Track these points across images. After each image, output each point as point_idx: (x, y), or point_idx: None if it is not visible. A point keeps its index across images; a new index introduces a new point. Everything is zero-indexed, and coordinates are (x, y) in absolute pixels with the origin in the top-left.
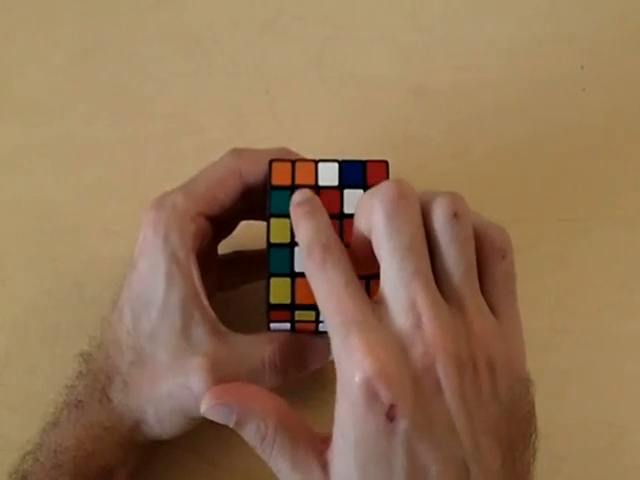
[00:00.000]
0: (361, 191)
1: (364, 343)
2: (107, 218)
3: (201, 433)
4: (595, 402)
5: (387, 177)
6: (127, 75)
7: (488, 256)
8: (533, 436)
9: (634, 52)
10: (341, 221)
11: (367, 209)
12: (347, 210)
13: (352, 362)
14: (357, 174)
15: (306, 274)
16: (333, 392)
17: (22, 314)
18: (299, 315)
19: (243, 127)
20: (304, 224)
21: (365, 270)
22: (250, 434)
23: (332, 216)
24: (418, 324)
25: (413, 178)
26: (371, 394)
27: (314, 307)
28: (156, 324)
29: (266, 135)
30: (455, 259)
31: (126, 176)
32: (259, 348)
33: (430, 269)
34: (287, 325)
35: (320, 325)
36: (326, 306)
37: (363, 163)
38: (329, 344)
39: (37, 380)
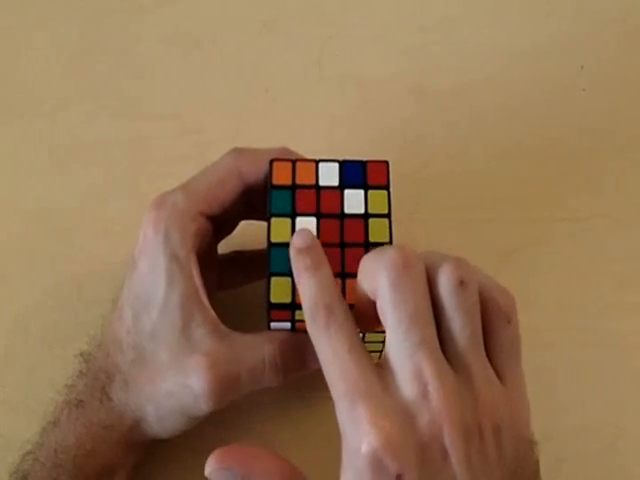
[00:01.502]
0: (361, 191)
1: (370, 413)
2: (107, 218)
3: (201, 432)
4: (595, 402)
5: (387, 177)
6: (127, 75)
7: (493, 320)
8: None
9: (634, 52)
10: (341, 221)
11: (371, 274)
12: (347, 210)
13: (358, 432)
14: (357, 174)
15: (310, 336)
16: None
17: (22, 314)
18: (300, 314)
19: (243, 127)
20: (307, 281)
21: (369, 327)
22: None
23: (332, 216)
24: (424, 394)
25: (413, 178)
26: (378, 465)
27: None
28: (156, 323)
29: (266, 135)
30: (461, 326)
31: (126, 176)
32: (259, 347)
33: (436, 336)
34: (287, 324)
35: None
36: (330, 371)
37: (363, 163)
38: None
39: (37, 380)
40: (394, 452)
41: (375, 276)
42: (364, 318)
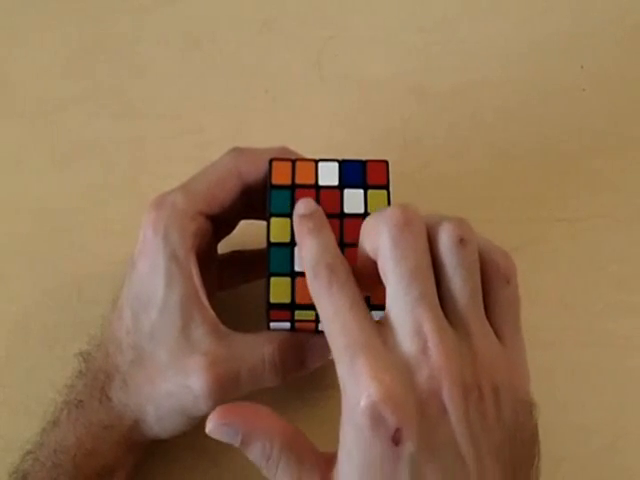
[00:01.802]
0: (361, 191)
1: (370, 367)
2: (107, 218)
3: (201, 431)
4: (595, 402)
5: (387, 177)
6: (127, 75)
7: (492, 281)
8: (536, 458)
9: (634, 52)
10: (341, 220)
11: (373, 232)
12: (347, 210)
13: (358, 386)
14: (357, 174)
15: (311, 294)
16: (332, 392)
17: (22, 314)
18: (299, 314)
19: (243, 127)
20: (309, 242)
21: (370, 289)
22: (255, 454)
23: (332, 215)
24: (424, 349)
25: (413, 178)
26: (377, 418)
27: (314, 306)
28: (156, 323)
29: (266, 135)
30: (461, 284)
31: (126, 176)
32: (259, 347)
33: (436, 293)
34: (287, 324)
35: (320, 325)
36: (331, 328)
37: (363, 163)
38: (329, 344)
39: (37, 380)
40: (394, 406)
41: (376, 234)
42: (365, 279)
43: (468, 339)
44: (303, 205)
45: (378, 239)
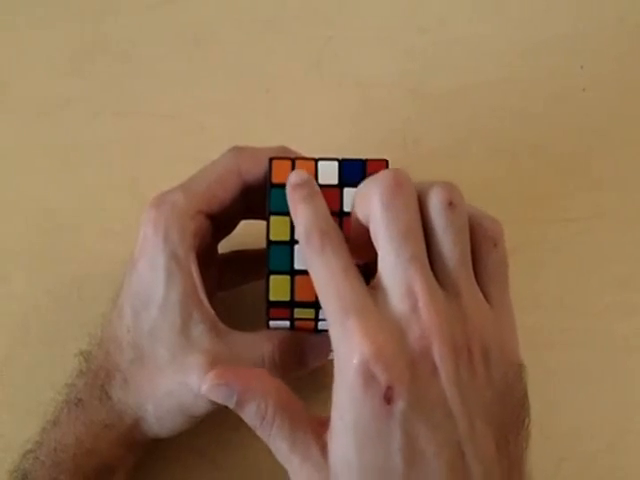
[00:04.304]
0: None
1: (362, 327)
2: (107, 218)
3: (200, 431)
4: (595, 402)
5: None
6: (127, 75)
7: (481, 245)
8: (526, 420)
9: (634, 52)
10: (341, 219)
11: (364, 197)
12: (347, 209)
13: (350, 345)
14: (357, 173)
15: (304, 259)
16: (332, 392)
17: (22, 314)
18: (298, 313)
19: (243, 127)
20: (302, 209)
21: (363, 258)
22: (250, 414)
23: (331, 214)
24: (414, 308)
25: (413, 178)
26: (368, 376)
27: (313, 305)
28: (156, 322)
29: (266, 135)
30: (450, 246)
31: (126, 176)
32: (258, 346)
33: (426, 255)
34: (286, 323)
35: (320, 323)
36: (324, 291)
37: (363, 162)
38: (329, 342)
39: (37, 380)
40: (385, 364)
41: (368, 198)
42: (357, 247)
43: (458, 300)
44: (295, 175)
45: (369, 203)
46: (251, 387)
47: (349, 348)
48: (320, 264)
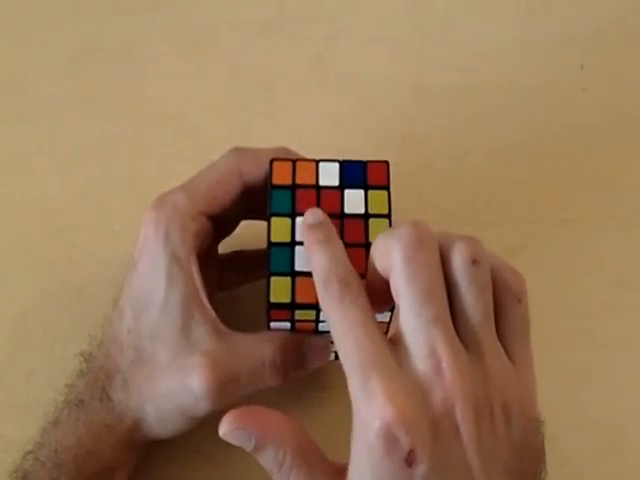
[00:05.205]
0: (362, 191)
1: (384, 387)
2: (107, 218)
3: (201, 432)
4: (597, 402)
5: (388, 178)
6: (127, 75)
7: (504, 300)
8: (543, 473)
9: (634, 52)
10: (341, 221)
11: (385, 250)
12: (347, 210)
13: (372, 406)
14: (358, 174)
15: (322, 307)
16: (332, 392)
17: (22, 314)
18: (299, 314)
19: (243, 127)
20: (319, 254)
21: (380, 308)
22: (267, 460)
23: (332, 216)
24: (438, 370)
25: (413, 178)
26: (391, 439)
27: (314, 306)
28: (156, 323)
29: (266, 135)
30: (473, 304)
31: (126, 176)
32: (259, 347)
33: (449, 314)
34: (287, 324)
35: (320, 325)
36: (344, 343)
37: (364, 163)
38: (329, 344)
39: (37, 380)
40: (408, 427)
41: (389, 252)
42: (376, 296)
43: (480, 358)
44: (312, 215)
45: (390, 258)
46: (269, 432)
47: (371, 408)
48: (339, 315)
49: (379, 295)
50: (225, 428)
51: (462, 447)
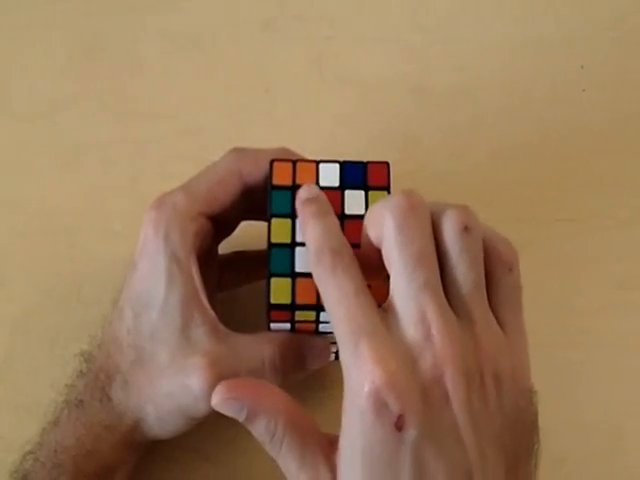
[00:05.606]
0: (362, 192)
1: (374, 353)
2: (107, 218)
3: (201, 432)
4: (595, 402)
5: (388, 178)
6: (127, 75)
7: (495, 269)
8: (536, 446)
9: (634, 52)
10: (342, 222)
11: (377, 219)
12: (348, 211)
13: (362, 372)
14: (358, 175)
15: (314, 278)
16: (332, 392)
17: (22, 314)
18: (299, 315)
19: (243, 127)
20: (312, 226)
21: (373, 278)
22: (259, 430)
23: None
24: (428, 336)
25: (413, 178)
26: (380, 404)
27: (314, 307)
28: (156, 324)
29: (266, 135)
30: (464, 272)
31: (126, 176)
32: (259, 348)
33: (440, 281)
34: (287, 325)
35: (320, 325)
36: (335, 312)
37: (364, 164)
38: (329, 345)
39: (37, 380)
40: (398, 391)
41: (381, 220)
42: (368, 267)
43: (471, 326)
44: (306, 190)
45: (382, 226)
46: (261, 403)
47: (361, 374)
48: (331, 285)
49: (372, 264)
50: (217, 399)
51: (452, 413)
